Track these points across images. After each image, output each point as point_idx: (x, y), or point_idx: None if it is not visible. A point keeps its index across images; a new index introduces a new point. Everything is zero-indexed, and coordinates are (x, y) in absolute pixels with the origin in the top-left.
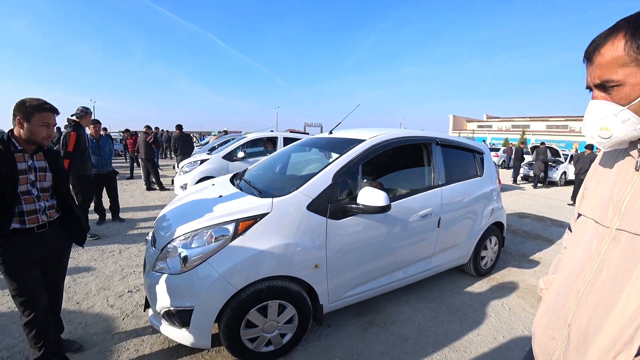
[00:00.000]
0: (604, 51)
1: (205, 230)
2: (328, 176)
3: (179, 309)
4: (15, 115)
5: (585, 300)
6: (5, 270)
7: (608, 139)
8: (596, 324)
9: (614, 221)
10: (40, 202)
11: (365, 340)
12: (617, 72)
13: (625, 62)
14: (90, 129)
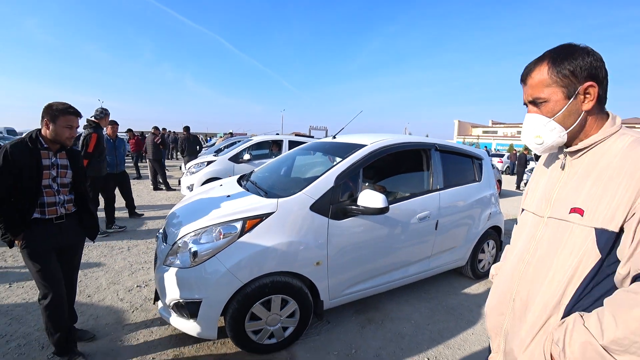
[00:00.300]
0: (534, 75)
1: (214, 227)
2: (330, 179)
3: (188, 300)
4: (43, 117)
5: (525, 277)
6: (29, 254)
7: (541, 144)
8: (533, 295)
9: (546, 211)
10: (60, 196)
11: (364, 336)
12: (544, 91)
13: (549, 83)
14: (108, 129)
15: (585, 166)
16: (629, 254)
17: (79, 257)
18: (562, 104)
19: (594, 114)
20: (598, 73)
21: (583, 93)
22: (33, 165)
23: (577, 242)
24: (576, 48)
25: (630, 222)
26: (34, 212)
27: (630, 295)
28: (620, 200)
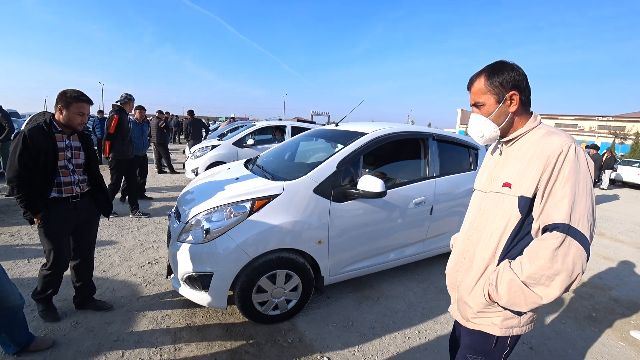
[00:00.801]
0: (475, 84)
1: (225, 207)
2: (333, 164)
3: (201, 273)
4: (57, 102)
5: (472, 239)
6: (45, 232)
7: (482, 137)
8: (476, 251)
9: (488, 187)
10: (75, 176)
11: (360, 310)
12: (481, 97)
13: (485, 91)
14: (136, 113)
15: (515, 152)
16: (539, 213)
17: (94, 232)
18: (494, 107)
19: (520, 114)
20: (520, 84)
21: (509, 99)
22: (50, 147)
23: (506, 208)
24: (505, 65)
25: (539, 190)
26: (51, 192)
27: (539, 242)
28: (534, 174)
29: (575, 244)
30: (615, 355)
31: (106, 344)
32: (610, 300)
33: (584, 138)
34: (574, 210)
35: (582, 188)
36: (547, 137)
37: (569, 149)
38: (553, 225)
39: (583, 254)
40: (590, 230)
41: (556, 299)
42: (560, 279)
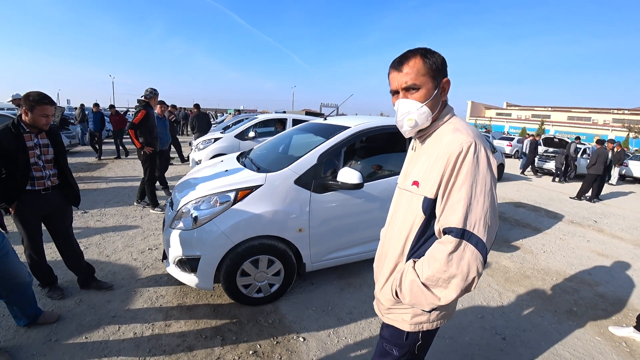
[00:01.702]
0: (411, 64)
1: (212, 196)
2: (314, 157)
3: (190, 257)
4: (22, 105)
5: (387, 234)
6: (19, 219)
7: (413, 127)
8: (390, 246)
9: (402, 183)
10: (46, 171)
11: (341, 296)
12: (419, 79)
13: (424, 73)
14: (157, 108)
15: (426, 147)
16: (439, 215)
17: (68, 217)
18: (431, 92)
19: (442, 106)
20: (446, 72)
21: (441, 87)
22: (20, 147)
23: (413, 206)
24: (434, 50)
25: (440, 191)
26: (27, 185)
27: (437, 245)
28: (436, 175)
29: (470, 248)
30: (589, 350)
31: (105, 319)
32: (595, 295)
33: (598, 132)
34: (469, 214)
35: (479, 190)
36: (452, 134)
37: (469, 148)
38: (449, 229)
39: (478, 257)
40: (488, 234)
41: (455, 300)
42: (456, 282)
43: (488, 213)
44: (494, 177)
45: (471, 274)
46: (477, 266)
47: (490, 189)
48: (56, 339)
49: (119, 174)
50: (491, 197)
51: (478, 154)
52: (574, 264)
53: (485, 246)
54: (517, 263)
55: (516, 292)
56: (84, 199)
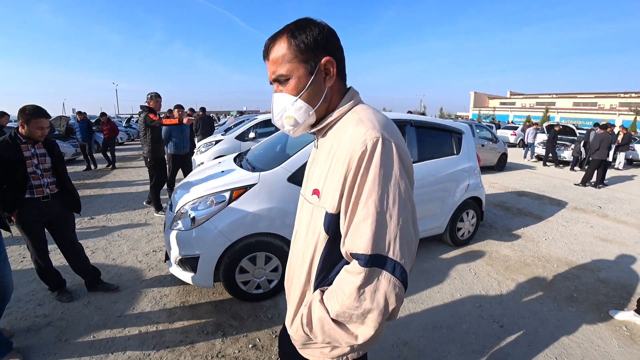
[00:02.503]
0: (275, 50)
1: (208, 197)
2: (306, 154)
3: (189, 256)
4: (19, 118)
5: (293, 251)
6: (22, 227)
7: (294, 126)
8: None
9: (304, 190)
10: (44, 179)
11: None
12: (285, 66)
13: (289, 58)
14: (175, 113)
15: (327, 146)
16: (344, 236)
17: (70, 224)
18: (305, 80)
19: (337, 91)
20: (334, 48)
21: (323, 68)
22: (18, 158)
23: (316, 222)
24: (312, 21)
25: (342, 205)
26: (26, 194)
27: (345, 274)
28: (336, 184)
29: (385, 276)
30: (588, 335)
31: (112, 319)
32: (596, 281)
33: (604, 117)
34: (381, 235)
35: (392, 201)
36: (354, 128)
37: (374, 146)
38: (356, 256)
39: (396, 285)
40: (408, 252)
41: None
42: (373, 318)
43: (406, 227)
44: (409, 178)
45: (390, 305)
46: (397, 295)
47: (405, 196)
48: (66, 338)
49: (124, 179)
50: (408, 205)
51: (387, 153)
52: (576, 251)
53: (404, 270)
54: (517, 252)
55: (516, 281)
56: (90, 206)
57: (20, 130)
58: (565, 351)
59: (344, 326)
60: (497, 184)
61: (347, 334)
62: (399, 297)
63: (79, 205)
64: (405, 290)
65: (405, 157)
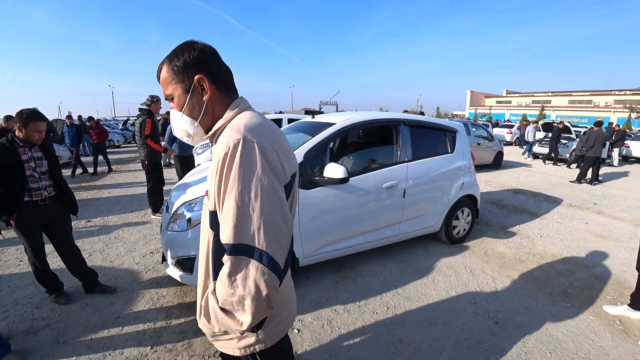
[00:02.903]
0: (161, 74)
1: (203, 197)
2: (300, 154)
3: (186, 257)
4: (16, 122)
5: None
6: (20, 230)
7: (188, 137)
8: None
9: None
10: (42, 182)
11: (336, 289)
12: (168, 88)
13: (169, 81)
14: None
15: (215, 151)
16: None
17: (67, 226)
18: (184, 98)
19: (219, 103)
20: (207, 65)
21: (198, 85)
22: (16, 161)
23: (206, 220)
24: (188, 45)
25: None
26: (24, 197)
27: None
28: (214, 184)
29: (253, 263)
30: (582, 329)
31: (109, 320)
32: (591, 277)
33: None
34: (242, 226)
35: (254, 195)
36: (226, 132)
37: (235, 147)
38: (225, 245)
39: (265, 272)
40: (278, 242)
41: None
42: (249, 304)
43: (271, 219)
44: (275, 176)
45: (263, 291)
46: (267, 281)
47: (269, 191)
48: (64, 340)
49: (121, 182)
50: (274, 199)
51: (249, 152)
52: (570, 247)
53: (272, 258)
54: (512, 249)
55: (511, 277)
56: (87, 208)
57: (17, 133)
58: (559, 346)
59: (231, 314)
60: (493, 182)
61: (234, 322)
62: (270, 284)
63: (76, 207)
64: (281, 280)
65: (271, 156)
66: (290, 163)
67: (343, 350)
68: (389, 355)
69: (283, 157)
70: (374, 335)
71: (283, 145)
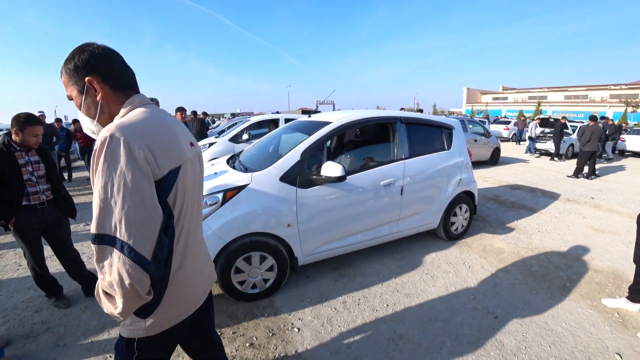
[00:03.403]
0: (61, 78)
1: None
2: (297, 153)
3: None
4: (12, 126)
5: None
6: (19, 234)
7: (95, 134)
8: None
9: None
10: (40, 186)
11: (335, 288)
12: (67, 89)
13: (67, 83)
14: (177, 116)
15: None
16: None
17: (66, 232)
18: (79, 98)
19: (114, 102)
20: (97, 67)
21: (91, 86)
22: (13, 166)
23: None
24: (79, 49)
25: None
26: (22, 201)
27: None
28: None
29: (116, 253)
30: (581, 323)
31: (109, 322)
32: (589, 270)
33: (595, 109)
34: (104, 217)
35: (117, 189)
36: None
37: (102, 143)
38: (92, 235)
39: (126, 262)
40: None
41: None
42: (118, 290)
43: (133, 212)
44: (139, 172)
45: (125, 280)
46: (129, 270)
47: (132, 185)
48: (64, 344)
49: None
50: (136, 194)
51: (114, 149)
52: (568, 241)
53: (134, 249)
54: (511, 244)
55: (509, 272)
56: (85, 212)
57: (14, 137)
58: (558, 339)
59: (111, 297)
60: (490, 178)
61: (112, 305)
62: (132, 275)
63: (74, 211)
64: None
65: (137, 153)
66: (171, 157)
67: (343, 347)
68: (389, 352)
69: (159, 152)
70: (374, 332)
71: (163, 141)
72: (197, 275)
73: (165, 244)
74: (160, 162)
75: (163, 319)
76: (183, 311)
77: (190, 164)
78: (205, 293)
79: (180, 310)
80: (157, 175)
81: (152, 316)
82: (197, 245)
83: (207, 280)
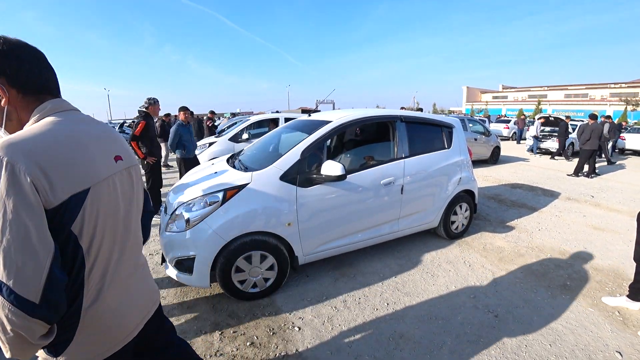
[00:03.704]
0: None
1: (202, 198)
2: (297, 153)
3: (185, 257)
4: None
5: None
6: None
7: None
8: None
9: None
10: None
11: (336, 287)
12: None
13: None
14: (180, 115)
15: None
16: None
17: None
18: None
19: (23, 108)
20: (3, 67)
21: None
22: None
23: None
24: None
25: None
26: None
27: None
28: None
29: None
30: (582, 321)
31: None
32: (589, 269)
33: (595, 107)
34: None
35: None
36: None
37: None
38: None
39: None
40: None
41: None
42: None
43: (13, 249)
44: (22, 200)
45: (7, 326)
46: (8, 316)
47: (13, 217)
48: None
49: None
50: (17, 227)
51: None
52: (569, 240)
53: (13, 291)
54: (511, 243)
55: (510, 271)
56: None
57: None
58: (559, 338)
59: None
60: (490, 177)
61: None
62: (12, 320)
63: None
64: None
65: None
66: (75, 179)
67: (344, 346)
68: (389, 351)
69: (57, 175)
70: (374, 331)
71: (64, 161)
72: (125, 305)
73: (61, 281)
74: (58, 186)
75: (80, 357)
76: (110, 346)
77: (110, 183)
78: (141, 322)
79: (105, 345)
80: (52, 202)
81: (64, 354)
82: (126, 272)
83: (144, 308)
